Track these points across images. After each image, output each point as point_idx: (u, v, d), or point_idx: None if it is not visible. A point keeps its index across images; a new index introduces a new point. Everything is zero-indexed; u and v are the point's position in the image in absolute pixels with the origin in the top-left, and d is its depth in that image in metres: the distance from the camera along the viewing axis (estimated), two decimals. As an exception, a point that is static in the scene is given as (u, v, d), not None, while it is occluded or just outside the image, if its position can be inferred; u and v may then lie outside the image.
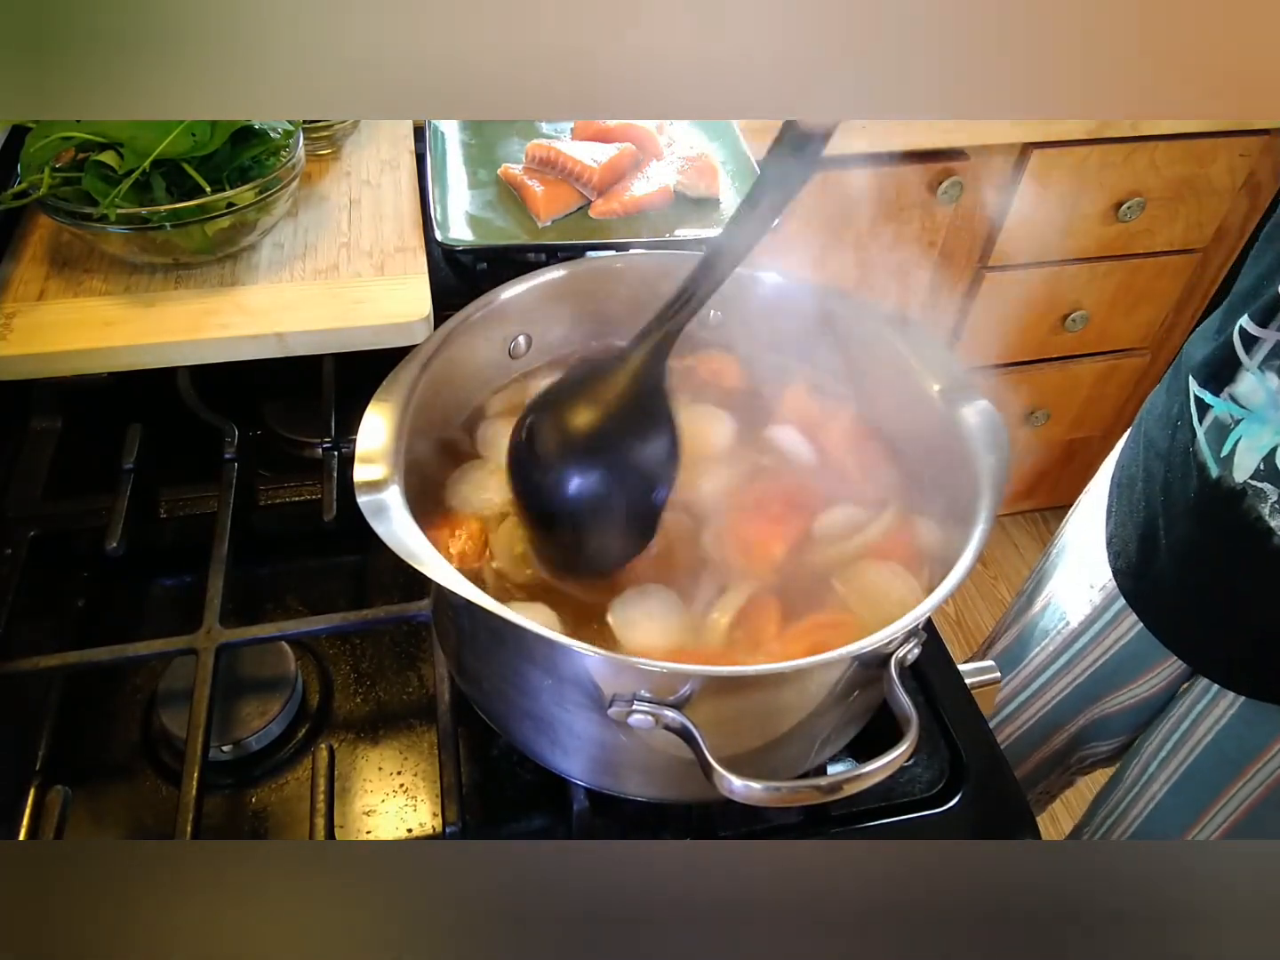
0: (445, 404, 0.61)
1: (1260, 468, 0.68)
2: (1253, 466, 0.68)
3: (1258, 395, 0.68)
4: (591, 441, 0.50)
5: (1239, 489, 0.69)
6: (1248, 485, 0.68)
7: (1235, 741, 0.80)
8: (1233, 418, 0.70)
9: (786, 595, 0.54)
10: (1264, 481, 0.67)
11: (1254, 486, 0.68)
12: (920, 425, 0.60)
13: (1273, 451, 0.67)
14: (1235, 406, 0.70)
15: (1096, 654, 0.90)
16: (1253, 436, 0.68)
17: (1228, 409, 0.70)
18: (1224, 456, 0.70)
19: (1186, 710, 0.83)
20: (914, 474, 0.62)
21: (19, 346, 0.67)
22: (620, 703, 0.44)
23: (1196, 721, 0.82)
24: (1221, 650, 0.78)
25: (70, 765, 0.60)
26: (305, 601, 0.71)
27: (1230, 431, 0.70)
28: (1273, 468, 0.67)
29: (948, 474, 0.58)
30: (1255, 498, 0.68)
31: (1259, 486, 0.68)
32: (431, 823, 0.59)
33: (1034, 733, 1.00)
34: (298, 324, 0.70)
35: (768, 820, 0.59)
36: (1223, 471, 0.70)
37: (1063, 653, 0.94)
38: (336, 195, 0.84)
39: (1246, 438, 0.69)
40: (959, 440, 0.55)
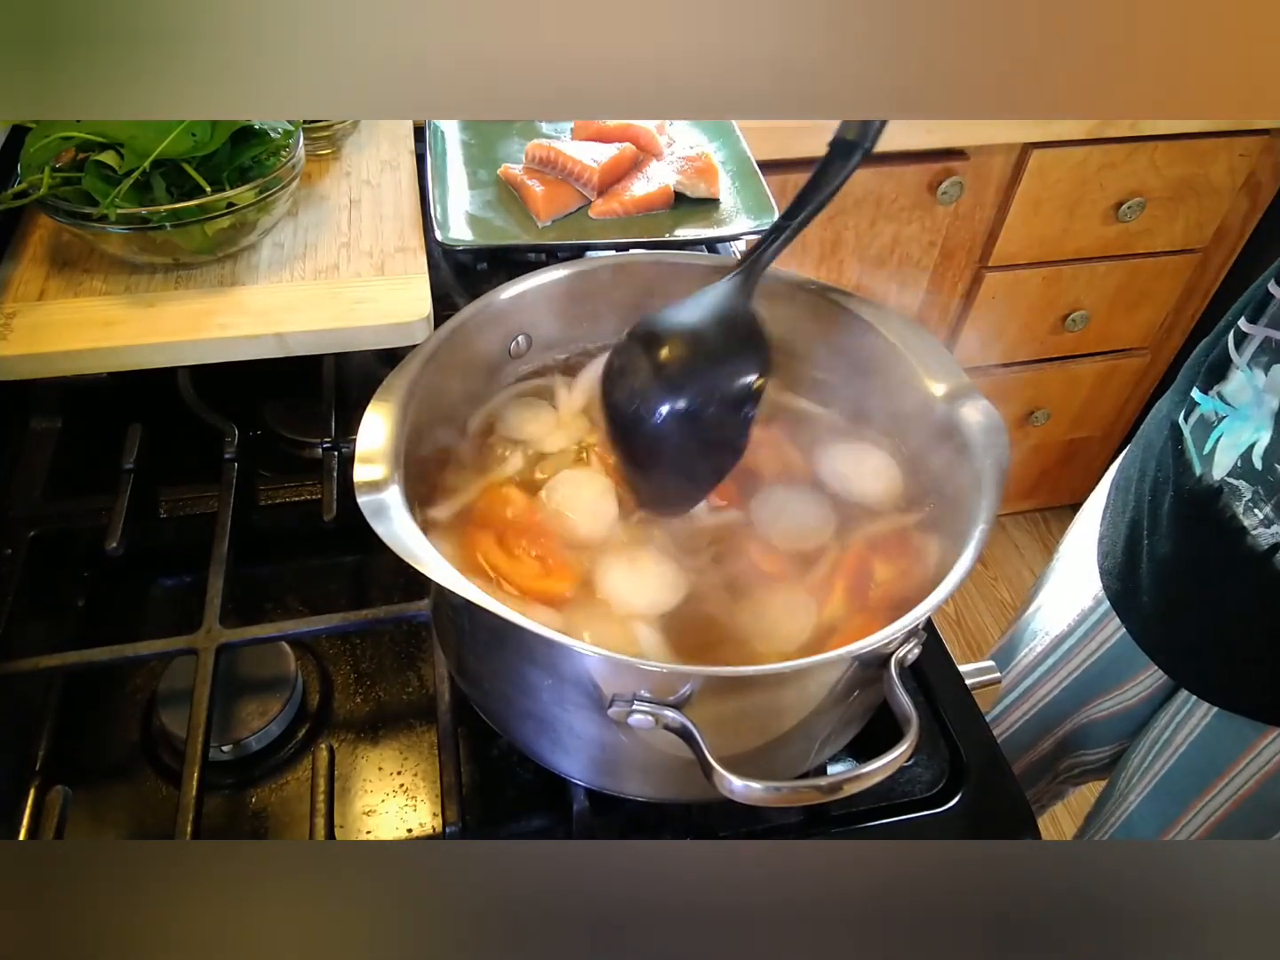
0: (445, 404, 0.61)
1: (1237, 464, 0.67)
2: (1230, 464, 0.67)
3: (1245, 393, 0.67)
4: (686, 362, 0.54)
5: (1216, 487, 0.68)
6: (1224, 483, 0.68)
7: (1204, 754, 0.79)
8: (1217, 415, 0.69)
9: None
10: (1239, 479, 0.67)
11: (1230, 484, 0.67)
12: (920, 425, 0.60)
13: (1250, 448, 0.66)
14: (1221, 404, 0.69)
15: (1083, 656, 0.90)
16: (1233, 433, 0.68)
17: (1214, 406, 0.70)
18: (1206, 454, 0.70)
19: (1168, 720, 0.83)
20: (914, 474, 0.62)
21: (19, 346, 0.67)
22: (620, 703, 0.44)
23: (1175, 731, 0.81)
24: (1196, 657, 0.77)
25: (70, 765, 0.60)
26: (305, 601, 0.71)
27: (1213, 429, 0.69)
28: (1249, 465, 0.66)
29: (948, 474, 0.58)
30: (1231, 495, 0.67)
31: (1235, 484, 0.67)
32: (431, 823, 0.59)
33: (1022, 735, 0.99)
34: (298, 324, 0.70)
35: (768, 820, 0.59)
36: (1204, 469, 0.69)
37: (1050, 654, 0.93)
38: (336, 195, 0.84)
39: (1227, 435, 0.68)
40: (959, 440, 0.55)
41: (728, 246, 0.91)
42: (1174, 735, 0.81)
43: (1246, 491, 0.66)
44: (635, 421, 0.54)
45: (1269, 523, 0.65)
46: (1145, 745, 0.86)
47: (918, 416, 0.60)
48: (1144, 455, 0.80)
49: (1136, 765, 0.87)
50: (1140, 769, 0.86)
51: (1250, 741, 0.75)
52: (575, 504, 0.57)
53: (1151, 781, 0.84)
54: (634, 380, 0.54)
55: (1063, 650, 0.92)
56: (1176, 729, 0.81)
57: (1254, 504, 0.66)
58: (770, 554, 0.57)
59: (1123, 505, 0.82)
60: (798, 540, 0.57)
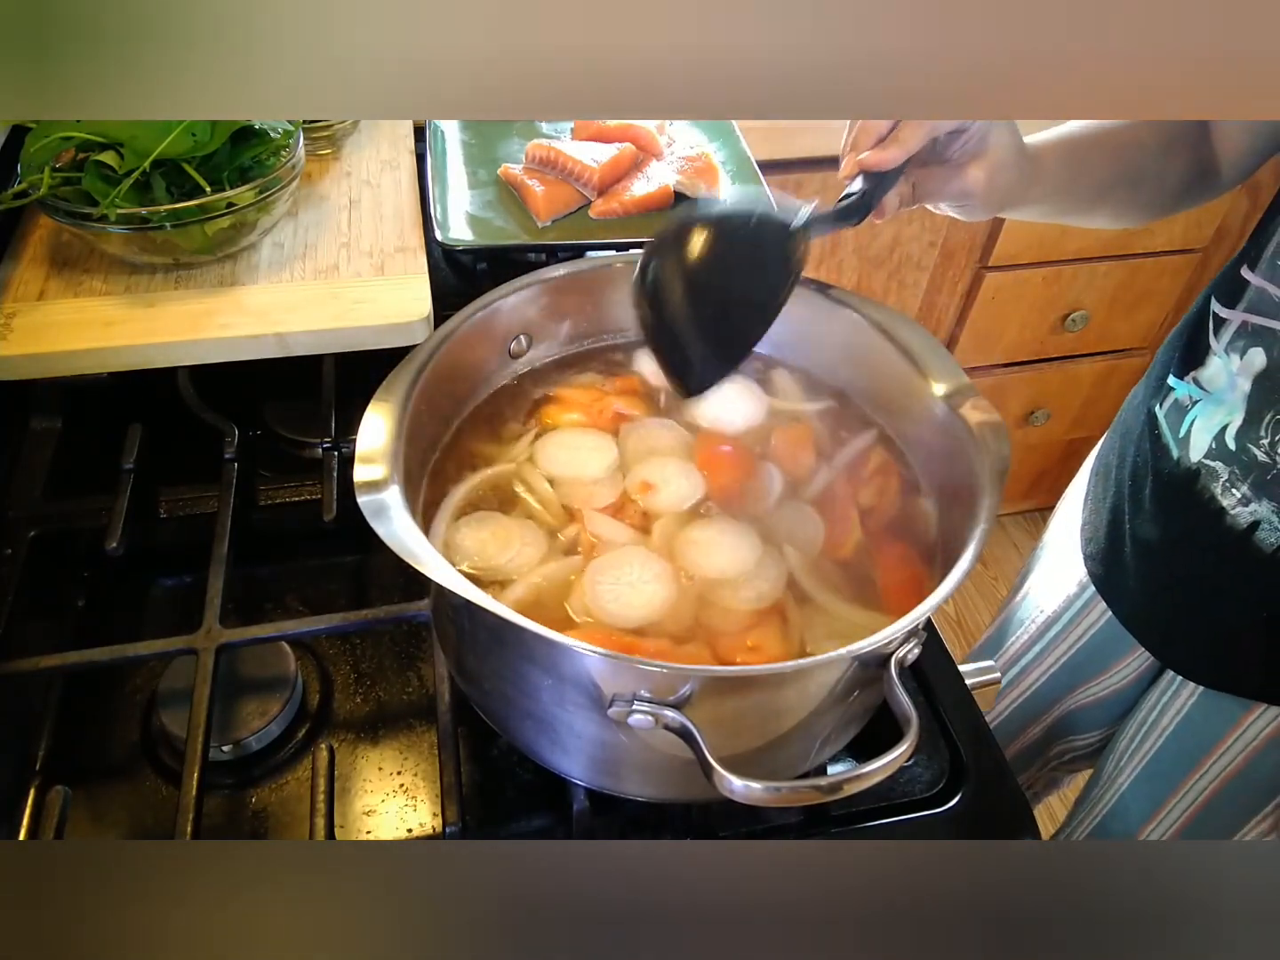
0: (445, 404, 0.61)
1: (1213, 446, 0.69)
2: (1206, 446, 0.69)
3: (1220, 378, 0.69)
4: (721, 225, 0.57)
5: (1194, 469, 0.70)
6: (1201, 465, 0.70)
7: (1192, 734, 0.80)
8: (1191, 399, 0.71)
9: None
10: (1215, 460, 0.68)
11: (1207, 466, 0.69)
12: (920, 425, 0.60)
13: (1224, 430, 0.68)
14: (1195, 389, 0.71)
15: (1069, 642, 0.91)
16: (1207, 416, 0.69)
17: (1188, 391, 0.71)
18: (1181, 437, 0.72)
19: (1154, 702, 0.84)
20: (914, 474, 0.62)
21: (19, 346, 0.67)
22: (620, 703, 0.44)
23: (1161, 713, 0.83)
24: (1182, 637, 0.78)
25: (70, 765, 0.60)
26: (305, 601, 0.71)
27: (1188, 413, 0.71)
28: (1223, 446, 0.68)
29: (947, 474, 0.58)
30: (1209, 477, 0.69)
31: (1211, 465, 0.69)
32: (431, 823, 0.59)
33: (1012, 722, 1.00)
34: (298, 324, 0.70)
35: (768, 820, 0.59)
36: (1180, 453, 0.71)
37: (1038, 640, 0.95)
38: (336, 195, 0.84)
39: (1201, 418, 0.70)
40: (959, 440, 0.55)
41: (728, 246, 0.91)
42: (1161, 717, 0.83)
43: (1223, 472, 0.68)
44: (670, 287, 0.56)
45: (1246, 501, 0.67)
46: (1133, 728, 0.87)
47: (918, 416, 0.60)
48: (1122, 442, 0.81)
49: (1124, 748, 0.88)
50: (1128, 751, 0.87)
51: (1237, 719, 0.77)
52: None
53: (1140, 763, 0.86)
54: (672, 251, 0.56)
55: (1050, 636, 0.93)
56: (1163, 710, 0.82)
57: (1231, 484, 0.67)
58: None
59: (1103, 491, 0.83)
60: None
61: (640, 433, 0.64)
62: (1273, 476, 0.65)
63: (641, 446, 0.63)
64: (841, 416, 0.65)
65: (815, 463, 0.63)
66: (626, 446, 0.63)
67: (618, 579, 0.54)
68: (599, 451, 0.62)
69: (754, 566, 0.56)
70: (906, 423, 0.63)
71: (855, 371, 0.65)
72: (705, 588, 0.55)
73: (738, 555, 0.56)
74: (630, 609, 0.53)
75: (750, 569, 0.56)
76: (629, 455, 0.62)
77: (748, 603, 0.54)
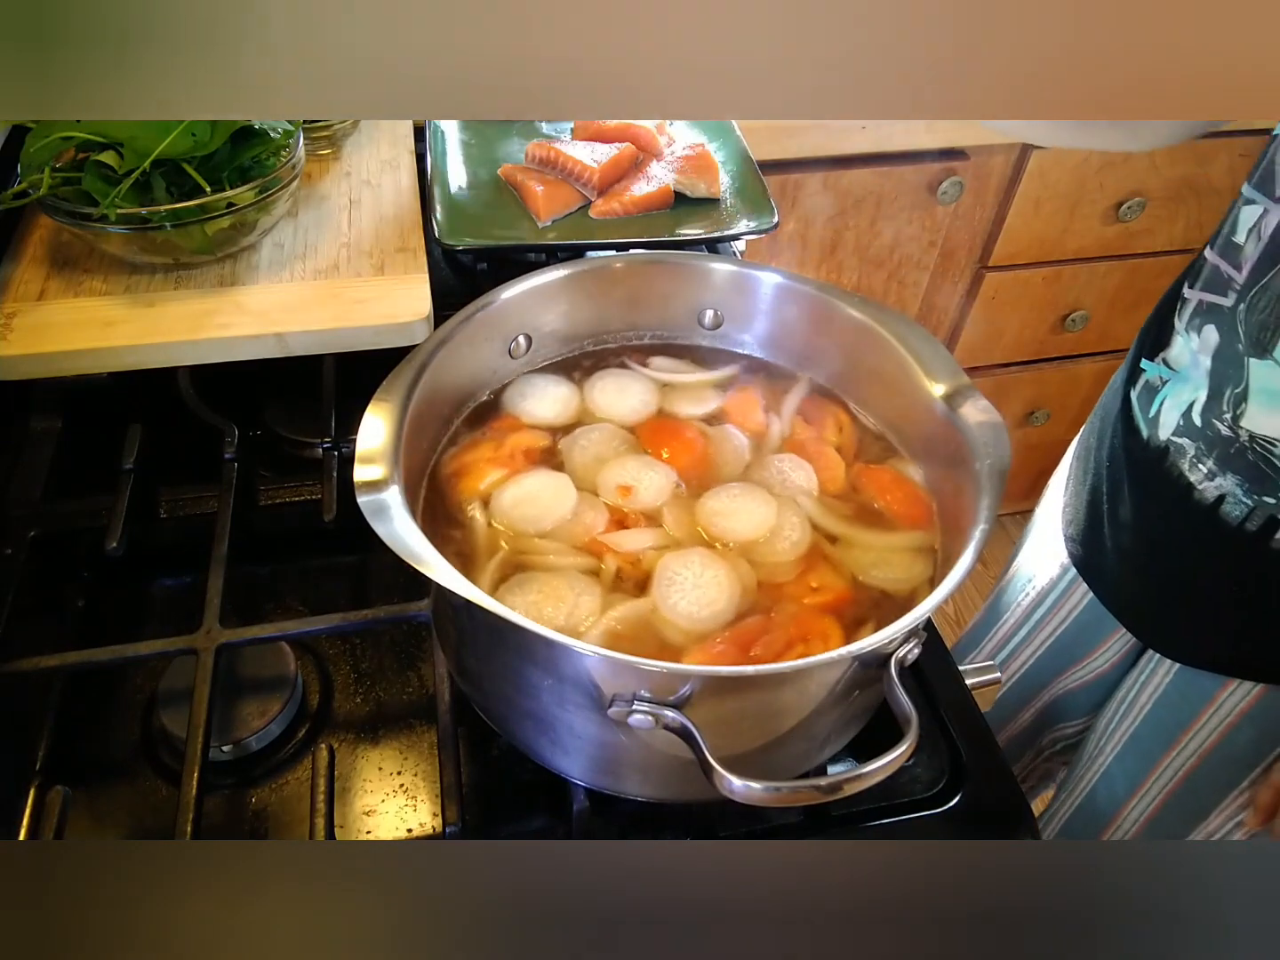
0: (445, 404, 0.61)
1: (1180, 424, 0.70)
2: (1174, 424, 0.70)
3: (1184, 357, 0.70)
4: None
5: (1163, 447, 0.71)
6: (1170, 442, 0.71)
7: (1170, 710, 0.81)
8: (1161, 380, 0.72)
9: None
10: (1183, 437, 0.70)
11: (1175, 443, 0.70)
12: (920, 425, 0.60)
13: (1190, 407, 0.69)
14: (1164, 369, 0.72)
15: (1054, 625, 0.92)
16: (1175, 395, 0.71)
17: (1158, 372, 0.73)
18: (1151, 417, 0.73)
19: (1134, 681, 0.85)
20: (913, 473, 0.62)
21: (19, 346, 0.67)
22: (620, 703, 0.44)
23: (1140, 691, 0.84)
24: (1158, 614, 0.80)
25: (70, 765, 0.60)
26: (305, 601, 0.71)
27: (1158, 393, 0.72)
28: (1190, 423, 0.69)
29: (947, 473, 0.58)
30: (1177, 454, 0.70)
31: (1179, 443, 0.70)
32: (431, 823, 0.59)
33: (1003, 708, 1.01)
34: (298, 324, 0.70)
35: (768, 820, 0.59)
36: (1150, 432, 0.73)
37: (1024, 624, 0.96)
38: (336, 195, 0.84)
39: (1170, 397, 0.71)
40: (959, 440, 0.55)
41: (728, 246, 0.91)
42: (1140, 695, 0.84)
43: (1190, 449, 0.69)
44: None
45: (1212, 475, 0.68)
46: (1113, 707, 0.88)
47: (918, 416, 0.60)
48: (1101, 425, 0.83)
49: (1103, 728, 0.89)
50: (1109, 730, 0.88)
51: (1212, 695, 0.78)
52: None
53: (1121, 741, 0.87)
54: None
55: (1037, 617, 0.94)
56: (1141, 688, 0.84)
57: (1198, 460, 0.69)
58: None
59: (1083, 473, 0.85)
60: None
61: (578, 448, 0.62)
62: (1235, 450, 0.66)
63: (589, 459, 0.61)
64: (756, 371, 0.68)
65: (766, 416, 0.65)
66: (575, 468, 0.60)
67: (684, 587, 0.53)
68: (554, 486, 0.59)
69: (776, 518, 0.58)
70: (907, 423, 0.63)
71: (855, 372, 0.65)
72: (746, 552, 0.56)
73: (759, 512, 0.58)
74: (715, 603, 0.53)
75: (774, 521, 0.58)
76: (584, 474, 0.60)
77: (788, 552, 0.56)
